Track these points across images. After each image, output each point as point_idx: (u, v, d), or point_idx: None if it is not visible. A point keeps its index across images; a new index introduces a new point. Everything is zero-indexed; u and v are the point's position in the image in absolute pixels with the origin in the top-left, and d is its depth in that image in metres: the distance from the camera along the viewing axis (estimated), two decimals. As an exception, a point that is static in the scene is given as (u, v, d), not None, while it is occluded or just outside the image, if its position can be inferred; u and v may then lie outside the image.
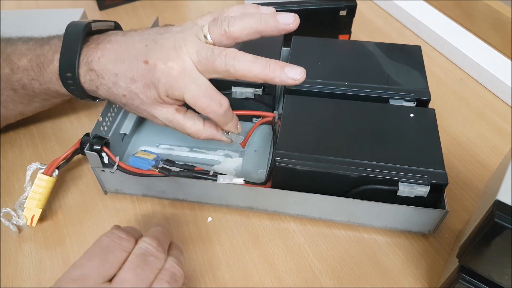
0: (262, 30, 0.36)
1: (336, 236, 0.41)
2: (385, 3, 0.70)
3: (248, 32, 0.36)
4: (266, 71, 0.35)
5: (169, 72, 0.35)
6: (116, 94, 0.38)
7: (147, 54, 0.36)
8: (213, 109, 0.36)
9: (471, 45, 0.59)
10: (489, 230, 0.26)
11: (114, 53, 0.37)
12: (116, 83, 0.37)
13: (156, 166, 0.39)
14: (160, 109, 0.38)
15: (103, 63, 0.37)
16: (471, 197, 0.44)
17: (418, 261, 0.39)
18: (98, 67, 0.37)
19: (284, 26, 0.35)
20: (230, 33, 0.36)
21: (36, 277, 0.38)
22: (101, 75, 0.38)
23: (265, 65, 0.35)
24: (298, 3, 0.55)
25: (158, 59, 0.36)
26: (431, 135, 0.39)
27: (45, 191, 0.41)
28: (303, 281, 0.37)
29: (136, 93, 0.37)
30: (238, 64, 0.35)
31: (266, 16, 0.35)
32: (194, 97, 0.35)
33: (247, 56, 0.35)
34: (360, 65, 0.47)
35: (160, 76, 0.35)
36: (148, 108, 0.38)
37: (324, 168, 0.37)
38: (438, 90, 0.55)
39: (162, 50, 0.36)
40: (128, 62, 0.37)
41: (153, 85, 0.36)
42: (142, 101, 0.37)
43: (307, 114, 0.42)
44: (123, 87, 0.37)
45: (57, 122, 0.51)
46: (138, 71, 0.36)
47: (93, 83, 0.38)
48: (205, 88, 0.36)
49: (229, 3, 0.71)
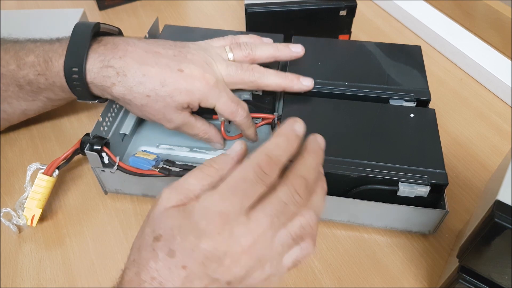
0: (277, 56, 0.45)
1: (336, 236, 0.41)
2: (385, 3, 0.70)
3: (267, 57, 0.44)
4: (287, 82, 0.43)
5: (207, 83, 0.40)
6: (138, 93, 0.39)
7: (180, 64, 0.40)
8: (240, 113, 0.41)
9: (471, 45, 0.59)
10: (489, 230, 0.26)
11: (139, 55, 0.40)
12: (143, 84, 0.39)
13: (156, 166, 0.39)
14: (179, 113, 0.41)
15: (126, 62, 0.39)
16: (471, 197, 0.44)
17: (418, 261, 0.39)
18: (119, 65, 0.39)
19: (296, 54, 0.45)
20: (252, 56, 0.44)
21: (36, 277, 0.38)
22: (123, 73, 0.39)
23: (285, 77, 0.43)
24: (298, 3, 0.55)
25: (194, 70, 0.40)
26: (431, 135, 0.39)
27: (45, 191, 0.41)
28: (303, 281, 0.37)
29: (163, 96, 0.39)
30: (264, 77, 0.42)
31: (281, 46, 0.45)
32: (226, 104, 0.41)
33: (270, 70, 0.43)
34: (360, 65, 0.47)
35: (198, 85, 0.39)
36: (168, 111, 0.40)
37: (325, 168, 0.37)
38: (438, 90, 0.55)
39: (196, 63, 0.40)
40: (159, 67, 0.39)
41: (186, 92, 0.39)
42: (166, 104, 0.39)
43: (307, 114, 0.42)
44: (150, 88, 0.39)
45: (57, 122, 0.51)
46: (172, 76, 0.39)
47: (109, 79, 0.39)
48: (232, 96, 0.42)
49: (230, 3, 0.71)
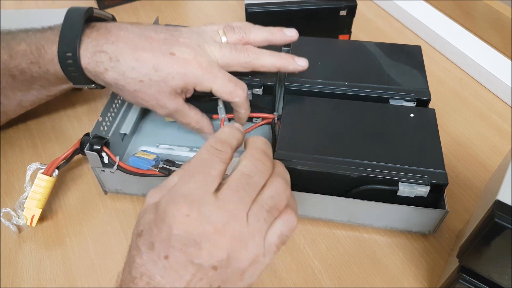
0: (272, 39, 0.44)
1: (336, 236, 0.41)
2: (385, 3, 0.70)
3: (261, 40, 0.43)
4: (282, 61, 0.42)
5: (200, 65, 0.39)
6: (132, 79, 0.39)
7: (171, 47, 0.39)
8: (238, 93, 0.40)
9: (471, 45, 0.59)
10: (489, 230, 0.26)
11: (132, 40, 0.39)
12: (135, 69, 0.38)
13: (156, 166, 0.39)
14: (173, 99, 0.40)
15: (119, 47, 0.39)
16: (471, 197, 0.44)
17: (418, 261, 0.39)
18: (111, 49, 0.39)
19: (290, 37, 0.44)
20: (246, 39, 0.43)
21: (36, 277, 0.38)
22: (116, 58, 0.38)
23: (280, 56, 0.42)
24: (298, 3, 0.55)
25: (185, 53, 0.39)
26: (431, 135, 0.39)
27: (45, 191, 0.41)
28: (303, 281, 0.37)
29: (156, 81, 0.39)
30: (259, 57, 0.41)
31: (275, 30, 0.44)
32: (222, 84, 0.40)
33: (264, 50, 0.42)
34: (360, 65, 0.47)
35: (191, 68, 0.39)
36: (162, 97, 0.40)
37: (324, 168, 0.37)
38: (438, 90, 0.55)
39: (188, 46, 0.40)
40: (152, 52, 0.39)
41: (180, 76, 0.39)
42: (160, 89, 0.39)
43: (307, 114, 0.42)
44: (143, 73, 0.39)
45: (57, 122, 0.51)
46: (164, 60, 0.39)
47: (102, 65, 0.39)
48: (229, 75, 0.40)
49: (230, 3, 0.71)
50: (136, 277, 0.26)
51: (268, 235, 0.28)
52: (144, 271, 0.26)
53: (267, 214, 0.28)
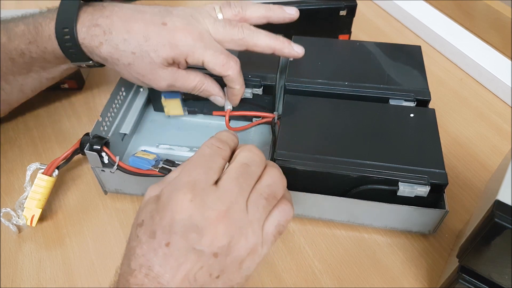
0: (270, 16, 0.42)
1: (336, 236, 0.41)
2: (385, 3, 0.70)
3: (258, 16, 0.42)
4: (277, 42, 0.41)
5: (190, 33, 0.38)
6: (124, 51, 0.39)
7: (163, 18, 0.39)
8: (231, 65, 0.39)
9: (471, 45, 0.59)
10: (489, 230, 0.26)
11: (125, 13, 0.39)
12: (127, 40, 0.38)
13: (156, 166, 0.39)
14: (166, 68, 0.40)
15: (112, 20, 0.39)
16: (471, 197, 0.44)
17: (418, 261, 0.39)
18: (105, 23, 0.39)
19: (289, 15, 0.43)
20: (242, 14, 0.42)
21: (36, 277, 0.38)
22: (109, 31, 0.39)
23: (276, 38, 0.41)
24: (298, 3, 0.54)
25: (177, 22, 0.39)
26: (431, 135, 0.39)
27: (45, 191, 0.41)
28: (303, 281, 0.37)
29: (147, 51, 0.38)
30: (254, 35, 0.40)
31: (274, 6, 0.42)
32: (214, 56, 0.39)
33: (260, 30, 0.41)
34: (360, 65, 0.47)
35: (181, 37, 0.38)
36: (155, 68, 0.39)
37: (324, 168, 0.37)
38: (438, 90, 0.55)
39: (180, 17, 0.39)
40: (143, 22, 0.39)
41: (170, 45, 0.38)
42: (151, 60, 0.39)
43: (307, 114, 0.42)
44: (134, 44, 0.38)
45: (57, 122, 0.51)
46: (154, 30, 0.38)
47: (97, 38, 0.39)
48: (221, 48, 0.40)
49: (229, 3, 0.71)
50: (135, 269, 0.26)
51: (266, 225, 0.28)
52: (143, 262, 0.26)
53: (265, 202, 0.28)
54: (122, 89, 0.47)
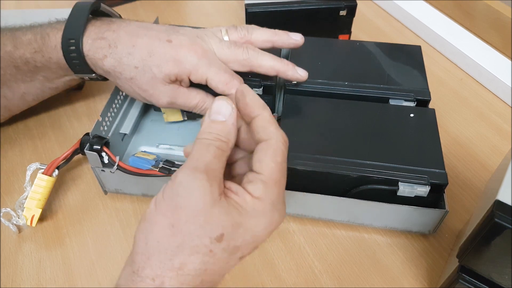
0: (275, 40, 0.43)
1: (336, 236, 0.41)
2: (385, 3, 0.70)
3: (263, 40, 0.42)
4: (281, 64, 0.41)
5: (195, 52, 0.39)
6: (127, 65, 0.39)
7: (169, 35, 0.40)
8: (235, 84, 0.40)
9: (471, 45, 0.59)
10: (489, 230, 0.26)
11: (132, 29, 0.40)
12: (132, 54, 0.39)
13: (156, 166, 0.39)
14: (167, 84, 0.40)
15: (119, 34, 0.40)
16: (471, 197, 0.44)
17: (418, 261, 0.39)
18: (111, 36, 0.39)
19: (294, 41, 0.43)
20: (248, 37, 0.42)
21: (36, 277, 0.38)
22: (114, 45, 0.39)
23: (280, 61, 0.41)
24: (298, 3, 0.55)
25: (183, 40, 0.40)
26: (431, 135, 0.39)
27: (45, 191, 0.41)
28: (303, 281, 0.37)
29: (150, 66, 0.39)
30: (259, 56, 0.41)
31: (280, 32, 0.43)
32: (218, 74, 0.39)
33: (265, 52, 0.41)
34: (360, 65, 0.47)
35: (186, 54, 0.39)
36: (156, 84, 0.40)
37: (324, 168, 0.37)
38: (438, 90, 0.55)
39: (185, 36, 0.40)
40: (148, 38, 0.39)
41: (174, 62, 0.39)
42: (153, 76, 0.39)
43: (307, 114, 0.42)
44: (138, 58, 0.39)
45: (57, 122, 0.51)
46: (159, 46, 0.39)
47: (101, 51, 0.39)
48: (225, 67, 0.40)
49: (230, 3, 0.71)
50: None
51: None
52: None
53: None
54: (122, 89, 0.47)
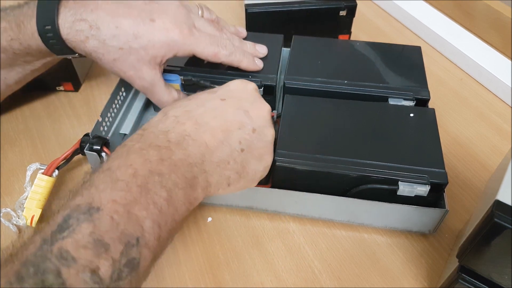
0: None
1: (336, 236, 0.41)
2: (385, 3, 0.70)
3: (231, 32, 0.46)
4: (249, 61, 0.45)
5: (181, 31, 0.39)
6: (112, 47, 0.39)
7: (151, 13, 0.40)
8: (222, 53, 0.42)
9: (471, 45, 0.59)
10: (489, 230, 0.26)
11: (111, 7, 0.39)
12: (116, 36, 0.38)
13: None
14: (151, 69, 0.40)
15: (99, 15, 0.38)
16: (471, 197, 0.44)
17: (418, 261, 0.39)
18: (91, 17, 0.38)
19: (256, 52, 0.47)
20: (217, 22, 0.45)
21: (36, 277, 0.38)
22: (96, 26, 0.38)
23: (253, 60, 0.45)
24: (298, 3, 0.55)
25: (166, 19, 0.39)
26: (431, 135, 0.39)
27: (45, 191, 0.40)
28: (303, 281, 0.37)
29: (136, 48, 0.39)
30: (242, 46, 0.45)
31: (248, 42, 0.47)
32: (205, 46, 0.41)
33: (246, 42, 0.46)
34: (360, 65, 0.47)
35: (173, 36, 0.39)
36: (141, 66, 0.40)
37: (324, 168, 0.37)
38: (438, 90, 0.55)
39: (167, 12, 0.40)
40: (132, 18, 0.39)
41: (161, 45, 0.39)
42: (139, 58, 0.39)
43: (307, 113, 0.42)
44: (123, 41, 0.39)
45: (57, 122, 0.51)
46: (144, 28, 0.39)
47: (82, 33, 0.39)
48: (209, 38, 0.42)
49: (230, 3, 0.71)
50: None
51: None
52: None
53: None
54: (122, 89, 0.47)
